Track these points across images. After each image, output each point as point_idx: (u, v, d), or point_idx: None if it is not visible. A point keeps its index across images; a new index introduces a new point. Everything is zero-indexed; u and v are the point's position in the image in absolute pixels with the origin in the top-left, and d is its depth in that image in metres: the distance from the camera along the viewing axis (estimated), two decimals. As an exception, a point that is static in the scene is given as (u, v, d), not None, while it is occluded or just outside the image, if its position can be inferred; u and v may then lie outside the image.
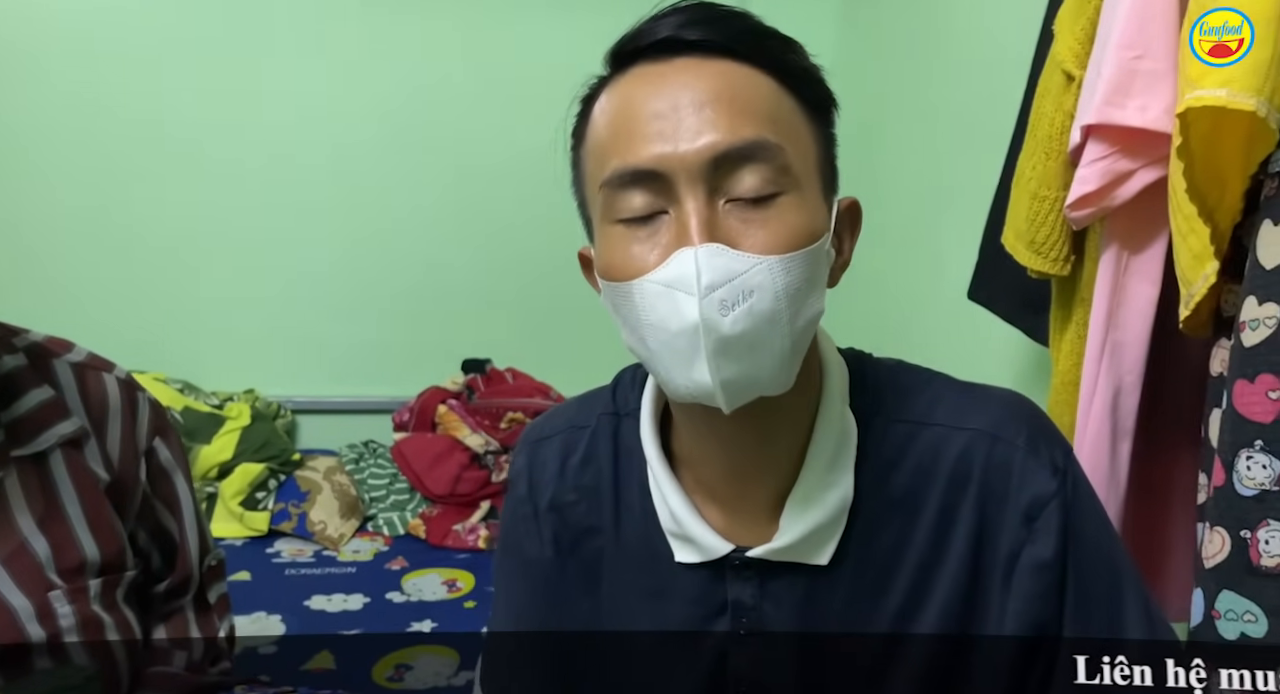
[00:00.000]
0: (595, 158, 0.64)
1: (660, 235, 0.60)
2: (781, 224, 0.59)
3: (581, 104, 0.67)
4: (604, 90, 0.65)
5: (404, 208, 2.57)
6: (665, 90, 0.60)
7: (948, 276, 1.73)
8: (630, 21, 0.66)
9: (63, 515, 0.80)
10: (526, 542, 0.77)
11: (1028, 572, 0.65)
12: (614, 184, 0.61)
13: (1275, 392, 0.75)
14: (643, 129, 0.60)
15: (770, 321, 0.58)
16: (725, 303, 0.57)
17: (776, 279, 0.58)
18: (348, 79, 2.50)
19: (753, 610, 0.69)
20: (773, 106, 0.61)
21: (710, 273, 0.57)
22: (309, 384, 2.58)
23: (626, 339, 0.65)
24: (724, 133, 0.59)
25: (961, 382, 0.72)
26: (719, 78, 0.60)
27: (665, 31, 0.61)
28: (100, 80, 2.36)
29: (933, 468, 0.67)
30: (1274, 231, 0.75)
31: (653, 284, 0.59)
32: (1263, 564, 0.76)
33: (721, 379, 0.59)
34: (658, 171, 0.59)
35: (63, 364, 0.84)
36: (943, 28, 1.99)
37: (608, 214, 0.62)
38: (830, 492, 0.67)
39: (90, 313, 2.35)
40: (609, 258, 0.63)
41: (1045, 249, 1.04)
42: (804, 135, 0.63)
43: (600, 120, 0.64)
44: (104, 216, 2.43)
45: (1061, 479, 0.66)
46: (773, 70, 0.62)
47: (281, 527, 2.17)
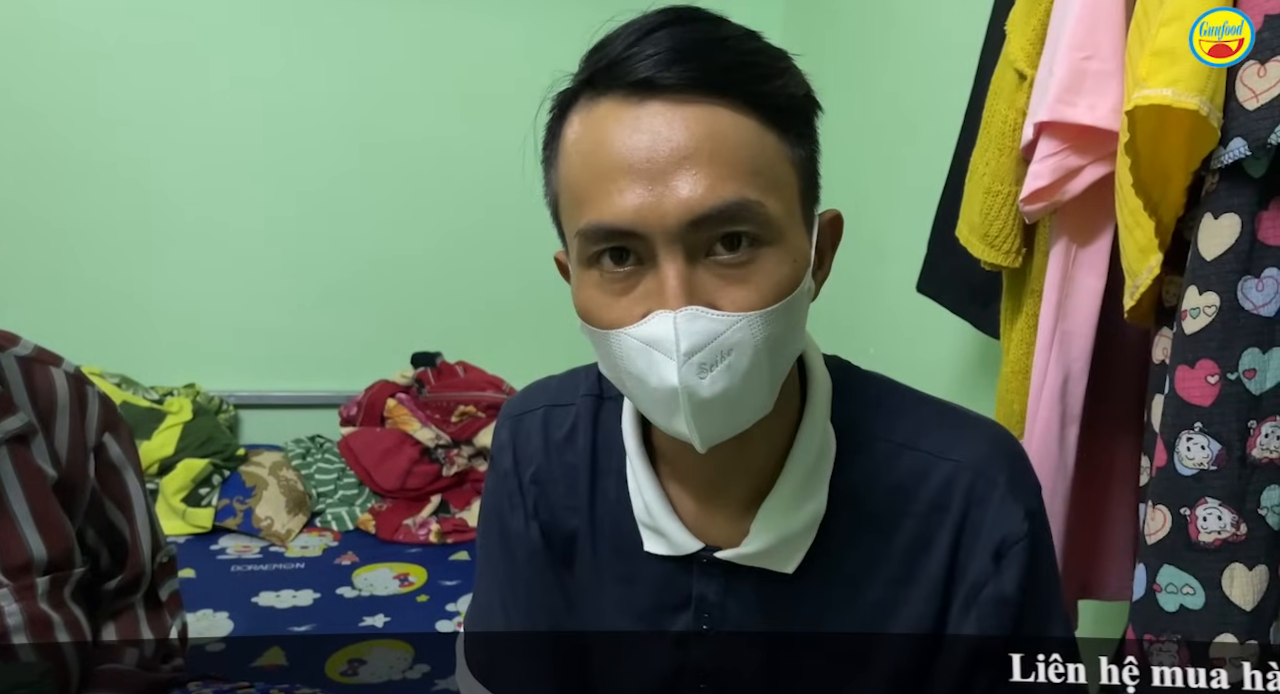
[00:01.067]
0: (570, 197, 0.62)
1: (638, 289, 0.59)
2: (762, 278, 0.58)
3: (553, 112, 0.64)
4: (575, 110, 0.62)
5: (351, 198, 2.54)
6: (641, 138, 0.57)
7: (894, 270, 1.77)
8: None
9: (8, 513, 0.78)
10: (509, 515, 0.77)
11: (990, 604, 0.67)
12: (590, 237, 0.59)
13: (1214, 376, 0.79)
14: (619, 183, 0.57)
15: (748, 375, 0.58)
16: (704, 365, 0.57)
17: (756, 334, 0.58)
18: (295, 70, 2.45)
19: (716, 607, 0.70)
20: (754, 154, 0.58)
21: (689, 338, 0.56)
22: (252, 378, 2.53)
23: (604, 370, 0.65)
24: (703, 193, 0.56)
25: (949, 408, 0.73)
26: (696, 126, 0.57)
27: (643, 71, 0.58)
28: (37, 73, 2.29)
29: (914, 492, 0.68)
30: (1214, 225, 0.79)
31: (631, 339, 0.58)
32: (1201, 540, 0.81)
33: (700, 434, 0.59)
34: (635, 231, 0.57)
35: (8, 358, 0.81)
36: (888, 25, 2.03)
37: (583, 259, 0.61)
38: (804, 504, 0.68)
39: (22, 305, 2.27)
40: (585, 302, 0.61)
41: (998, 242, 1.07)
42: (786, 175, 0.61)
43: (573, 155, 0.61)
44: (37, 207, 2.35)
45: (1032, 522, 0.68)
46: (752, 108, 0.59)
47: (226, 523, 2.12)
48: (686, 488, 0.71)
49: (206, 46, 2.39)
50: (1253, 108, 0.75)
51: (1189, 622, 0.81)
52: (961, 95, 1.39)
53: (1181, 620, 0.81)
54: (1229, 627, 0.79)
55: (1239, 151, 0.76)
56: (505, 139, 2.71)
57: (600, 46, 0.61)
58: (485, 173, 2.55)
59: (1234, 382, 0.78)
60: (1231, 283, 0.78)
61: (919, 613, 0.68)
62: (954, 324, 1.52)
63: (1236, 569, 0.79)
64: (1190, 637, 0.80)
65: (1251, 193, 0.77)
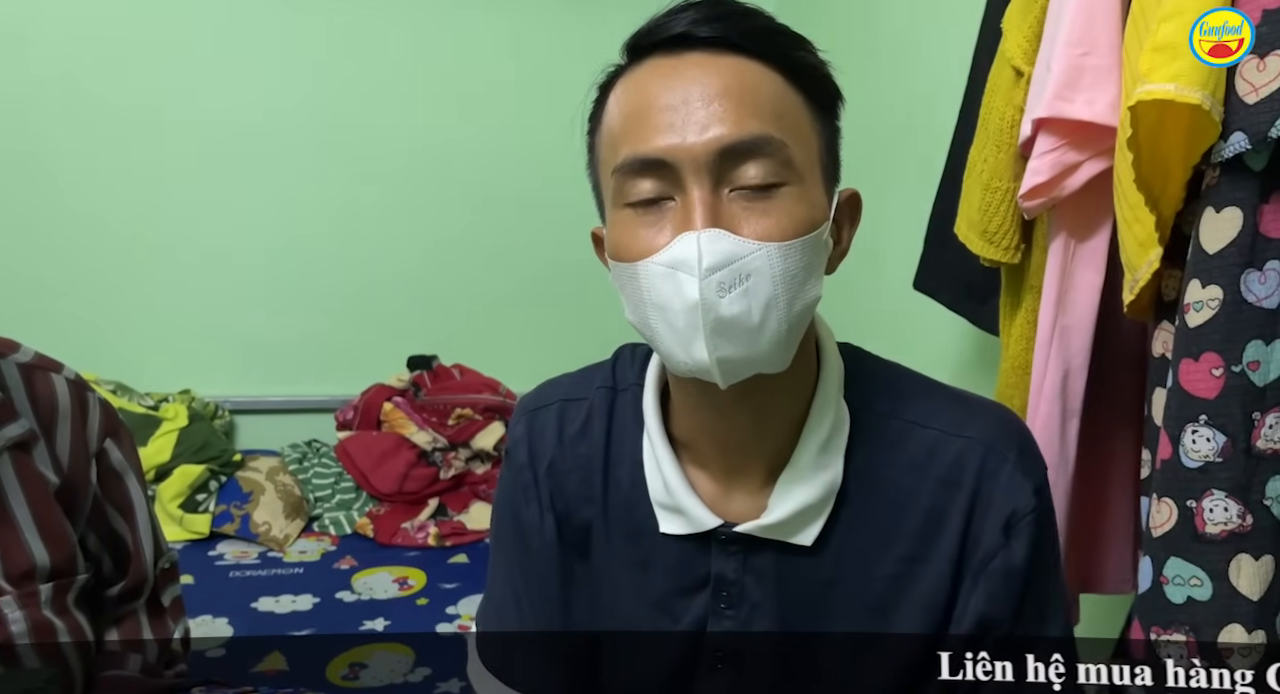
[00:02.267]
0: (609, 144, 0.66)
1: (667, 220, 0.63)
2: (782, 213, 0.62)
3: (599, 91, 0.69)
4: (619, 80, 0.67)
5: (344, 203, 2.53)
6: (677, 84, 0.63)
7: (891, 268, 1.77)
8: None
9: (11, 520, 0.77)
10: (524, 508, 0.78)
11: (999, 575, 0.69)
12: (625, 171, 0.64)
13: (1218, 369, 0.79)
14: (654, 120, 0.62)
15: (766, 305, 0.61)
16: (723, 284, 0.60)
17: (774, 264, 0.61)
18: (285, 76, 2.45)
19: (734, 584, 0.71)
20: (779, 102, 0.63)
21: (711, 256, 0.60)
22: (247, 383, 2.52)
23: (629, 316, 0.67)
24: (730, 127, 0.61)
25: (959, 391, 0.76)
26: (728, 73, 0.63)
27: (679, 27, 0.63)
28: (28, 78, 2.27)
29: (927, 467, 0.70)
30: (1216, 218, 0.79)
31: (657, 265, 0.62)
32: (1207, 531, 0.81)
33: (718, 357, 0.62)
34: (666, 161, 0.62)
35: (9, 364, 0.81)
36: (880, 23, 2.03)
37: (618, 198, 0.65)
38: (821, 473, 0.70)
39: (17, 312, 2.25)
40: (618, 239, 0.65)
41: (997, 238, 1.07)
42: (808, 130, 0.65)
43: (614, 109, 0.66)
44: (29, 214, 2.33)
45: (1039, 497, 0.70)
46: (781, 67, 0.64)
47: (224, 529, 2.11)
48: (704, 469, 0.73)
49: (199, 54, 2.38)
50: (1253, 102, 0.75)
51: (1196, 613, 0.81)
52: (956, 93, 1.39)
53: (1189, 612, 0.81)
54: (1236, 617, 0.79)
55: (1239, 145, 0.76)
56: (497, 141, 2.72)
57: (641, 26, 0.67)
58: (477, 175, 2.56)
59: (1238, 374, 0.79)
60: (1234, 276, 0.78)
61: (933, 586, 0.70)
62: (951, 321, 1.53)
63: (1243, 560, 0.79)
64: (1198, 628, 0.80)
65: (1252, 186, 0.78)
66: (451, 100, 2.54)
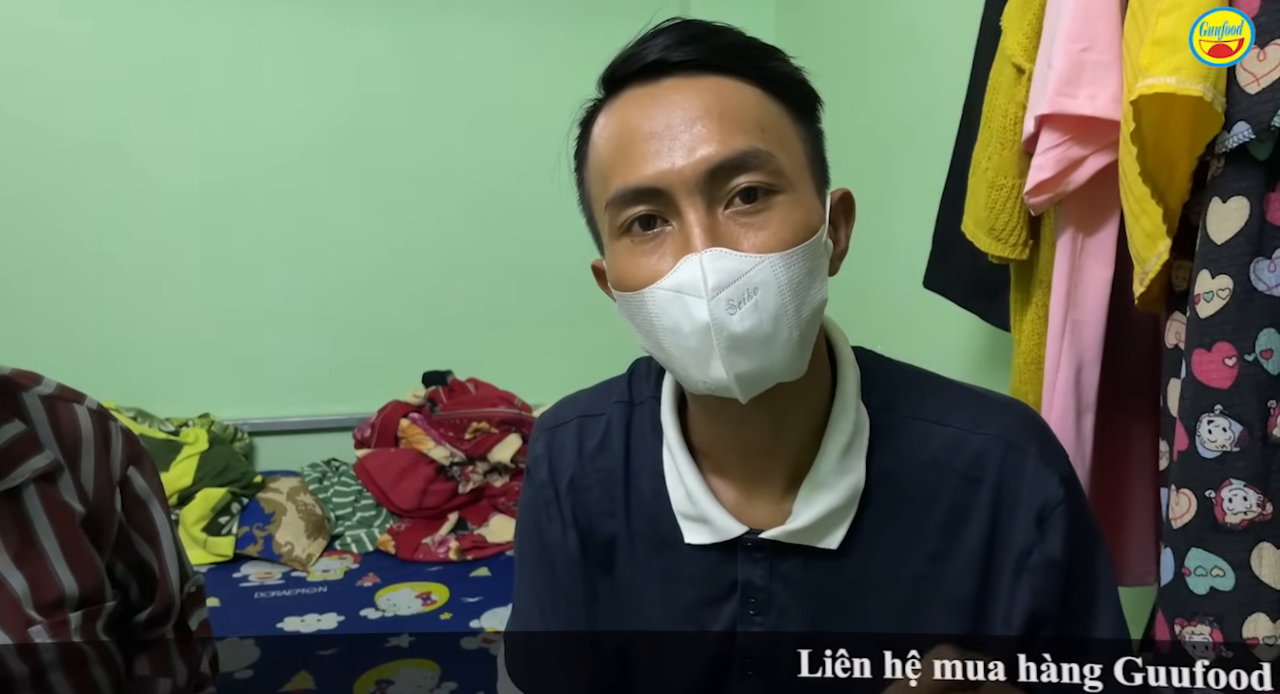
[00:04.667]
0: (598, 178, 0.67)
1: (666, 246, 0.63)
2: (779, 223, 0.62)
3: (580, 127, 0.70)
4: (600, 113, 0.68)
5: (354, 221, 2.54)
6: (658, 110, 0.63)
7: (900, 267, 1.77)
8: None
9: (39, 550, 0.78)
10: (547, 525, 0.78)
11: (1039, 568, 0.69)
12: (618, 203, 0.64)
13: (1232, 359, 0.79)
14: (640, 149, 0.63)
15: (776, 315, 0.61)
16: (732, 302, 0.60)
17: (779, 274, 0.61)
18: (297, 94, 2.47)
19: (762, 591, 0.72)
20: (760, 115, 0.64)
21: (715, 274, 0.60)
22: (265, 405, 2.54)
23: (643, 343, 0.68)
24: (716, 145, 0.62)
25: (974, 389, 0.76)
26: (707, 93, 0.63)
27: (653, 54, 0.64)
28: (41, 103, 2.30)
29: (948, 465, 0.70)
30: (1223, 209, 0.79)
31: (663, 290, 0.62)
32: (1227, 521, 0.80)
33: (736, 373, 0.62)
34: (658, 188, 0.62)
35: (32, 397, 0.82)
36: (880, 24, 2.03)
37: (615, 230, 0.65)
38: (844, 477, 0.70)
39: (36, 341, 2.29)
40: (620, 270, 0.66)
41: (1005, 235, 1.07)
42: (792, 137, 0.66)
43: (599, 143, 0.67)
44: (47, 242, 2.36)
45: (1067, 486, 0.70)
46: (757, 80, 0.65)
47: (247, 550, 2.13)
48: (725, 477, 0.73)
49: (207, 77, 2.40)
50: (1254, 91, 0.75)
51: (1220, 604, 0.80)
52: (958, 92, 1.39)
53: (1212, 603, 0.81)
54: (1261, 607, 0.79)
55: (1243, 135, 0.76)
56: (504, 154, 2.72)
57: (615, 57, 0.67)
58: (487, 189, 2.57)
59: (1252, 363, 0.78)
60: (1243, 265, 0.78)
61: (960, 582, 0.70)
62: (962, 318, 1.53)
63: (1265, 549, 0.79)
64: (1221, 619, 0.80)
65: (1258, 175, 0.78)
66: (462, 115, 2.55)
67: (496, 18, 2.54)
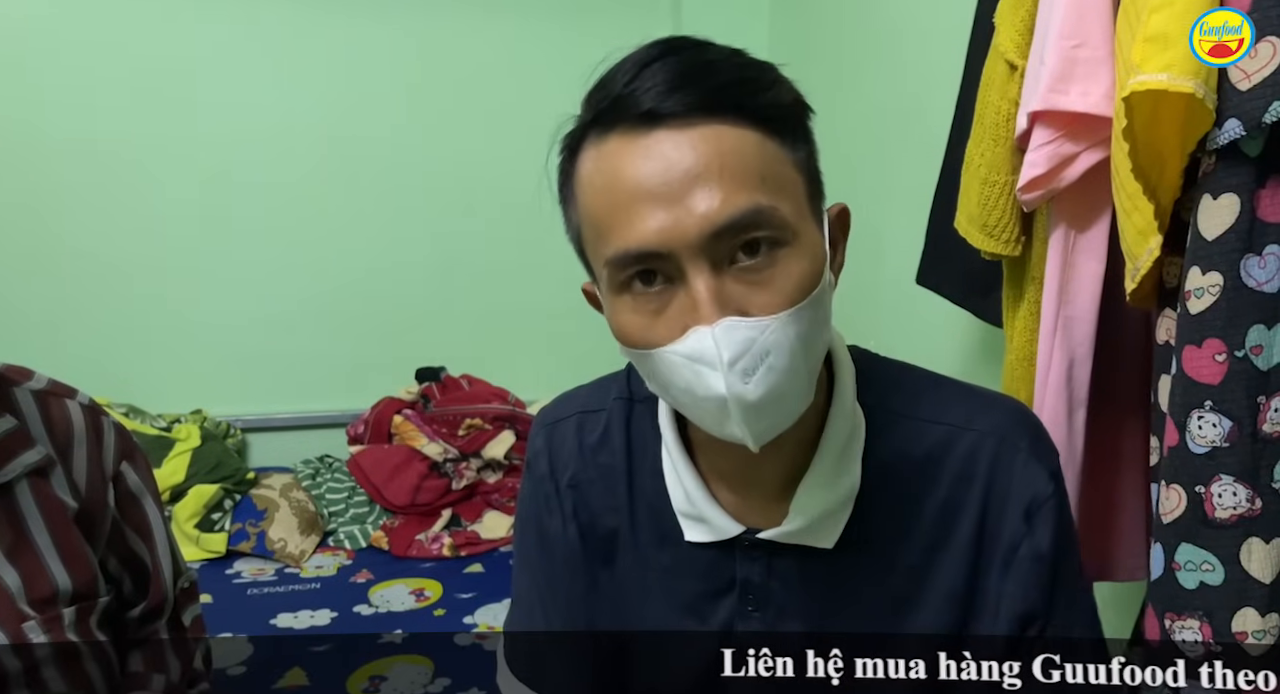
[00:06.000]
0: (592, 230, 0.64)
1: (672, 308, 0.62)
2: (786, 279, 0.61)
3: (563, 153, 0.66)
4: (586, 148, 0.64)
5: (346, 217, 2.54)
6: (654, 164, 0.60)
7: (893, 263, 1.78)
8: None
9: (32, 546, 0.78)
10: (547, 519, 0.79)
11: (1026, 562, 0.70)
12: (618, 264, 0.62)
13: (1221, 355, 0.80)
14: (639, 209, 0.60)
15: (789, 373, 0.61)
16: (747, 371, 0.60)
17: (789, 332, 0.60)
18: (286, 90, 2.46)
19: (760, 588, 0.72)
20: (760, 163, 0.61)
21: (730, 347, 0.59)
22: (258, 401, 2.53)
23: (651, 387, 0.68)
24: (719, 205, 0.59)
25: (966, 385, 0.76)
26: (704, 146, 0.60)
27: (647, 103, 0.61)
28: (34, 98, 2.29)
29: (941, 462, 0.71)
30: (1213, 205, 0.80)
31: (675, 356, 0.61)
32: (1217, 516, 0.81)
33: (753, 433, 0.62)
34: (660, 252, 0.60)
35: (24, 392, 0.82)
36: (873, 22, 2.04)
37: (614, 286, 0.64)
38: (840, 479, 0.70)
39: (28, 337, 2.28)
40: (623, 327, 0.64)
41: (997, 231, 1.08)
42: (791, 176, 0.63)
43: (590, 190, 0.64)
44: (38, 237, 2.35)
45: (1056, 483, 0.71)
46: (752, 121, 0.62)
47: (240, 547, 2.13)
48: (724, 477, 0.73)
49: (196, 75, 2.39)
50: (1245, 88, 0.75)
51: (1209, 598, 0.81)
52: (951, 88, 1.40)
53: (1202, 597, 0.81)
54: (1249, 601, 0.79)
55: (1234, 132, 0.76)
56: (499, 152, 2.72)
57: (600, 85, 0.63)
58: (478, 185, 2.56)
59: (1241, 359, 0.79)
60: (1234, 261, 0.78)
61: (954, 575, 0.71)
62: (955, 314, 1.53)
63: (1254, 543, 0.79)
64: (1211, 613, 0.81)
65: (1249, 172, 0.78)
66: (455, 110, 2.55)
67: (492, 15, 2.54)
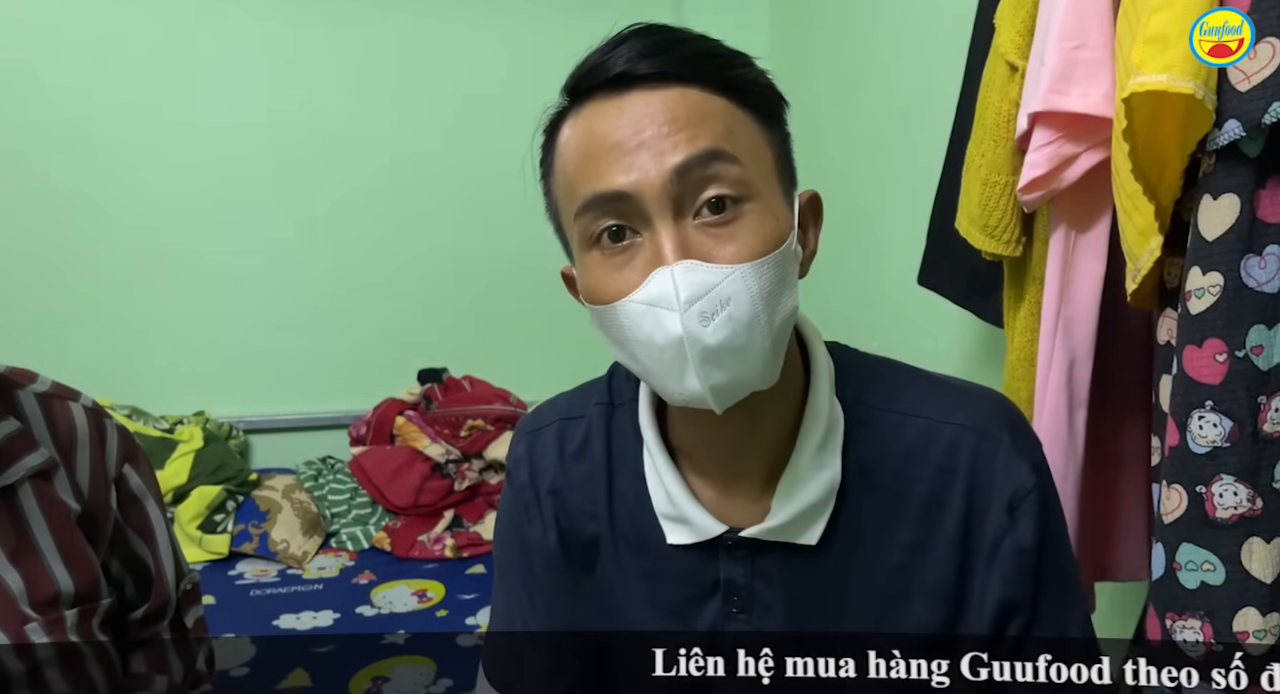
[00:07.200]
0: (565, 189, 0.67)
1: (637, 258, 0.63)
2: (748, 233, 0.63)
3: (545, 134, 0.69)
4: (565, 122, 0.67)
5: (348, 218, 2.54)
6: (624, 121, 0.63)
7: (894, 264, 1.78)
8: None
9: (34, 548, 0.79)
10: (528, 527, 0.79)
11: (1009, 555, 0.69)
12: (586, 212, 0.64)
13: (1222, 355, 0.80)
14: (607, 157, 0.63)
15: (749, 325, 0.62)
16: (705, 314, 0.61)
17: (750, 285, 0.61)
18: (288, 89, 2.46)
19: (744, 589, 0.72)
20: (727, 122, 0.64)
21: (688, 288, 0.60)
22: (260, 403, 2.53)
23: (617, 355, 0.68)
24: (683, 147, 0.62)
25: (946, 378, 0.76)
26: (673, 102, 0.63)
27: (618, 66, 0.64)
28: (36, 99, 2.29)
29: (922, 456, 0.71)
30: (1214, 206, 0.80)
31: (635, 304, 0.62)
32: (1218, 516, 0.81)
33: (710, 385, 0.62)
34: (626, 192, 0.62)
35: (27, 395, 0.82)
36: (874, 22, 2.04)
37: (584, 241, 0.65)
38: (819, 473, 0.70)
39: (31, 339, 2.28)
40: (591, 283, 0.66)
41: (998, 232, 1.08)
42: (759, 144, 0.66)
43: (566, 153, 0.66)
44: (42, 240, 2.35)
45: (1039, 474, 0.70)
46: (722, 89, 0.65)
47: (242, 548, 2.13)
48: (705, 477, 0.73)
49: (194, 75, 2.39)
50: (1245, 89, 0.76)
51: (1210, 598, 0.81)
52: (951, 89, 1.40)
53: (1203, 597, 0.82)
54: (1250, 601, 0.79)
55: (1234, 132, 0.77)
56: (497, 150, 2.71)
57: (579, 64, 0.67)
58: (479, 185, 2.56)
59: (1242, 359, 0.79)
60: (1234, 262, 0.78)
61: (939, 571, 0.70)
62: (956, 314, 1.54)
63: (1255, 543, 0.79)
64: (1212, 613, 0.81)
65: (1248, 172, 0.78)
66: (456, 110, 2.54)
67: (494, 16, 2.54)
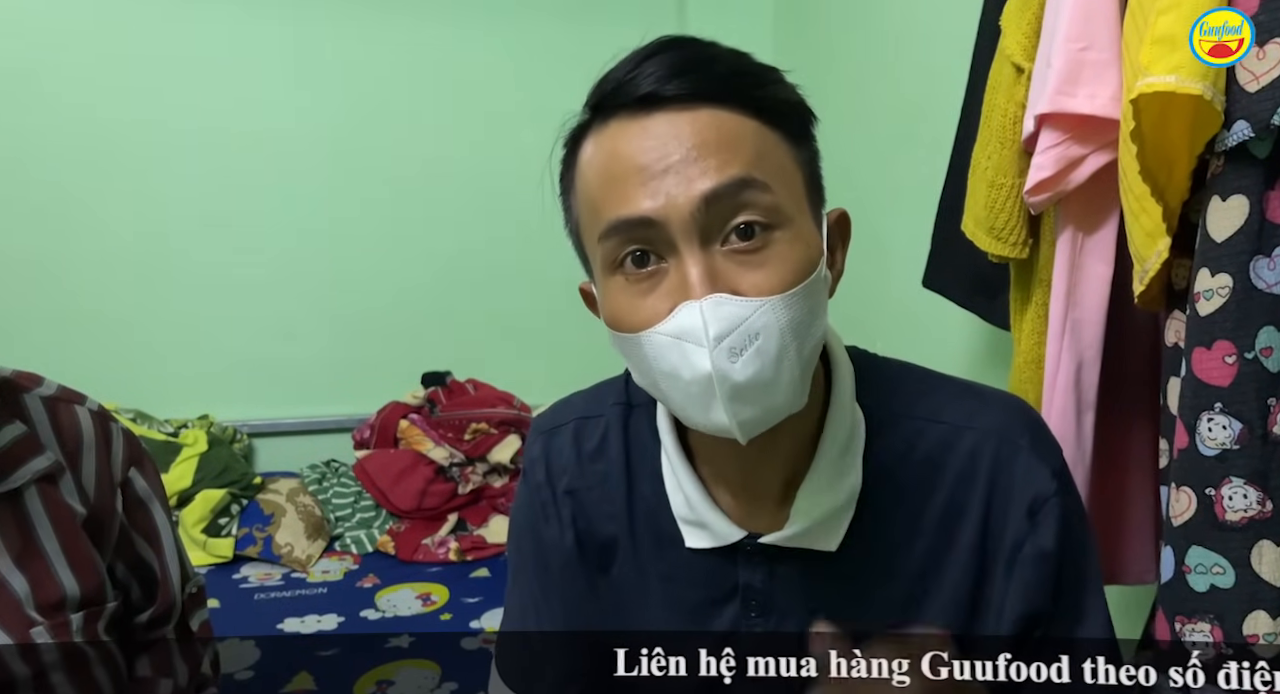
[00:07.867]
0: (588, 208, 0.64)
1: (662, 286, 0.61)
2: (779, 262, 0.60)
3: (565, 148, 0.67)
4: (588, 138, 0.65)
5: (352, 223, 2.54)
6: (651, 143, 0.61)
7: (899, 267, 1.78)
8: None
9: (40, 552, 0.79)
10: (544, 527, 0.78)
11: (1030, 561, 0.68)
12: (610, 236, 0.62)
13: (1231, 356, 0.79)
14: (633, 181, 0.61)
15: (778, 359, 0.60)
16: (734, 349, 0.58)
17: (780, 317, 0.59)
18: (293, 95, 2.47)
19: (762, 594, 0.72)
20: (755, 146, 0.62)
21: (717, 323, 0.58)
22: (265, 407, 2.53)
23: (637, 379, 0.67)
24: (712, 174, 0.59)
25: (966, 383, 0.75)
26: (701, 125, 0.61)
27: (647, 86, 0.61)
28: (39, 103, 2.30)
29: (942, 462, 0.70)
30: (1222, 207, 0.79)
31: (661, 336, 0.60)
32: (1227, 519, 0.81)
33: (739, 420, 0.60)
34: (653, 219, 0.60)
35: (33, 398, 0.82)
36: (878, 26, 2.04)
37: (608, 266, 0.63)
38: (841, 481, 0.70)
39: (37, 343, 2.28)
40: (614, 308, 0.64)
41: (1004, 234, 1.07)
42: (789, 166, 0.64)
43: (589, 172, 0.64)
44: (47, 244, 2.36)
45: (1060, 481, 0.70)
46: (752, 110, 0.62)
47: (247, 552, 2.13)
48: (724, 482, 0.72)
49: (202, 79, 2.40)
50: (1254, 90, 0.75)
51: (1220, 602, 0.81)
52: (957, 91, 1.39)
53: (1212, 601, 0.81)
54: (1260, 605, 0.79)
55: (1243, 134, 0.76)
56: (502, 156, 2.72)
57: (603, 78, 0.64)
58: (483, 191, 2.57)
59: (1251, 361, 0.79)
60: (1243, 263, 0.78)
61: (958, 578, 0.70)
62: (962, 317, 1.53)
63: (1265, 546, 0.79)
64: (1222, 616, 0.80)
65: (1257, 173, 0.78)
66: (459, 115, 2.55)
67: (497, 20, 2.54)
